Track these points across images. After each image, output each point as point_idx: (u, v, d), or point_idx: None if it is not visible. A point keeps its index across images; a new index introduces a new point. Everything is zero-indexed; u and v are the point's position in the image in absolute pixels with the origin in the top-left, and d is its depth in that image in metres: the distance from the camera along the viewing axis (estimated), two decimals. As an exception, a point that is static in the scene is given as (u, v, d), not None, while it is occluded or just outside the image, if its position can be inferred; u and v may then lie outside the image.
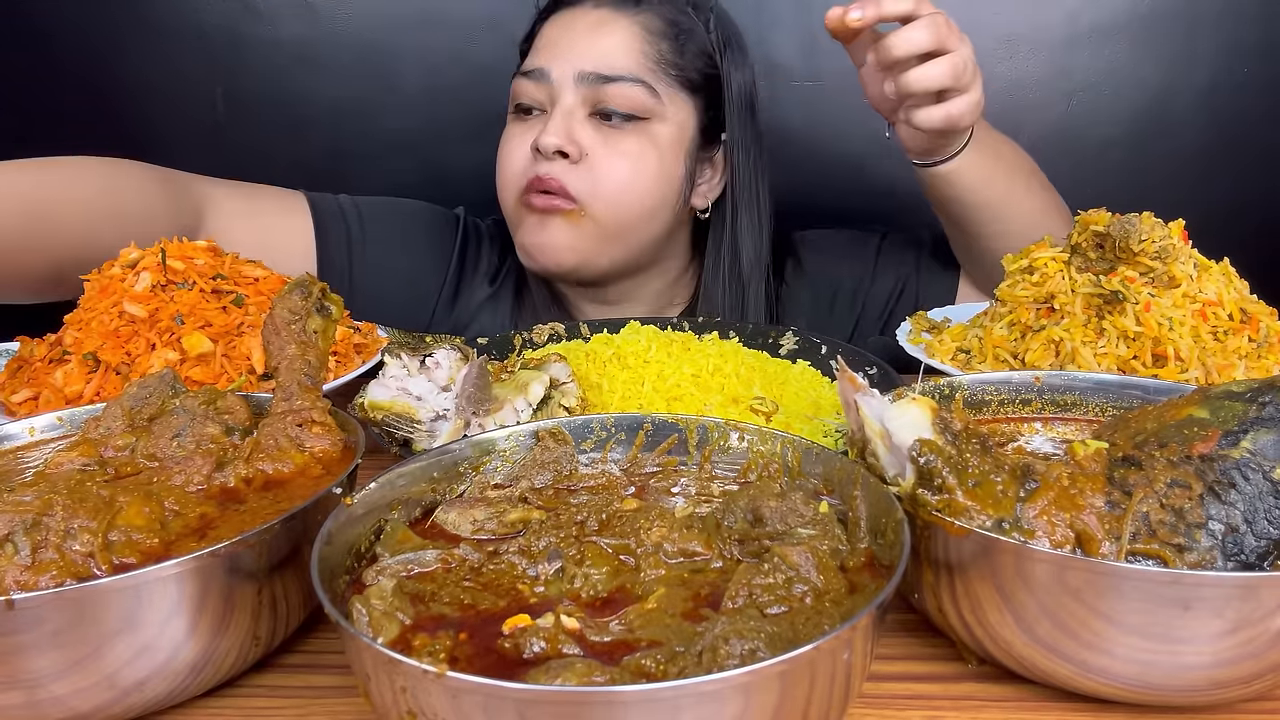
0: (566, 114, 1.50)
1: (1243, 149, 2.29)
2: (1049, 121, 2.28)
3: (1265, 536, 0.66)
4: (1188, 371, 1.14)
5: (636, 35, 1.53)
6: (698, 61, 1.57)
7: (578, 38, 1.53)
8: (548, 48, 1.55)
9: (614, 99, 1.50)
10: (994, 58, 2.26)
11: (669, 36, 1.55)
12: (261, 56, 2.25)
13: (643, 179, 1.52)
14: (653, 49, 1.53)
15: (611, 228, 1.53)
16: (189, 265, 1.21)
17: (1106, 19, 2.21)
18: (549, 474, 0.83)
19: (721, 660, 0.55)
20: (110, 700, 0.65)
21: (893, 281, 1.72)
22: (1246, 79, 2.24)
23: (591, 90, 1.50)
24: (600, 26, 1.53)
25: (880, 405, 0.73)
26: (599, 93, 1.50)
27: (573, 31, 1.55)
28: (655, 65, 1.53)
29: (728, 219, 1.65)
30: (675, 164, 1.57)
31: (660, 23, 1.55)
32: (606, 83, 1.49)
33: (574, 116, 1.50)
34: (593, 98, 1.50)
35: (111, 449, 0.85)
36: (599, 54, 1.51)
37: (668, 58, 1.54)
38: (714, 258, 1.66)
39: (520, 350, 1.33)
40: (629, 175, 1.51)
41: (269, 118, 2.28)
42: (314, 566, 0.61)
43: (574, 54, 1.51)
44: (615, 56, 1.51)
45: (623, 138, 1.51)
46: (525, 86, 1.55)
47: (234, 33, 2.23)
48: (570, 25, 1.56)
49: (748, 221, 1.64)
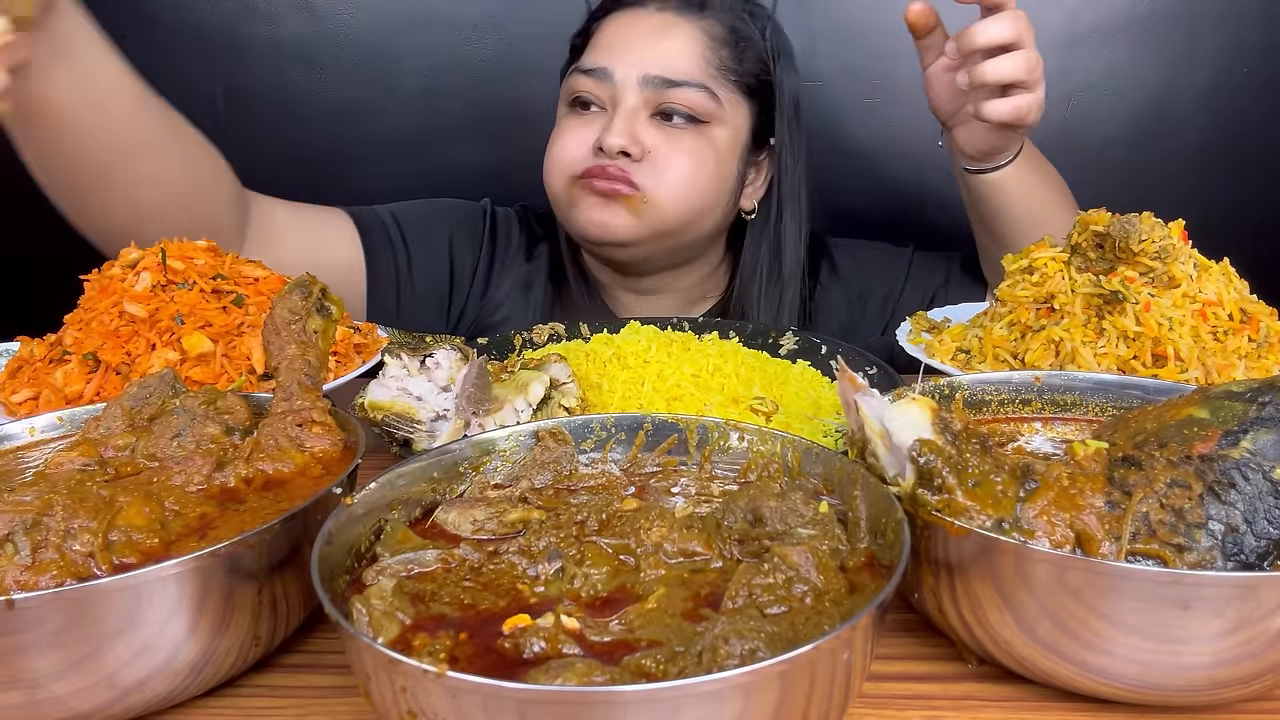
0: (630, 115, 1.52)
1: (1243, 149, 2.29)
2: (1049, 121, 2.27)
3: (1265, 536, 0.66)
4: (1188, 371, 1.14)
5: (699, 40, 1.56)
6: (754, 67, 1.61)
7: (641, 40, 1.56)
8: (608, 47, 1.57)
9: (677, 102, 1.52)
10: (994, 58, 2.25)
11: (729, 43, 1.58)
12: (261, 56, 2.25)
13: (702, 178, 1.55)
14: (714, 55, 1.56)
15: (670, 222, 1.55)
16: (189, 265, 1.21)
17: (1106, 19, 2.21)
18: (549, 474, 0.83)
19: (721, 660, 0.55)
20: (110, 700, 0.65)
21: (923, 292, 1.76)
22: (1246, 79, 2.24)
23: (655, 93, 1.52)
24: (664, 30, 1.56)
25: (880, 405, 0.73)
26: (663, 95, 1.52)
27: (635, 33, 1.57)
28: (716, 71, 1.56)
29: (772, 220, 1.68)
30: (730, 166, 1.60)
31: (721, 29, 1.58)
32: (671, 87, 1.52)
33: (637, 117, 1.52)
34: (656, 100, 1.53)
35: (111, 449, 0.85)
36: (663, 58, 1.53)
37: (728, 64, 1.57)
38: (753, 255, 1.69)
39: (520, 350, 1.33)
40: (690, 174, 1.54)
41: (269, 118, 2.28)
42: (314, 566, 0.61)
43: (638, 56, 1.54)
44: (679, 61, 1.54)
45: (683, 137, 1.54)
46: (585, 83, 1.57)
47: (234, 33, 2.23)
48: (632, 26, 1.58)
49: (791, 224, 1.68)
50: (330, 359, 1.14)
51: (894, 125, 2.29)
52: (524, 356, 1.13)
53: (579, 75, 1.58)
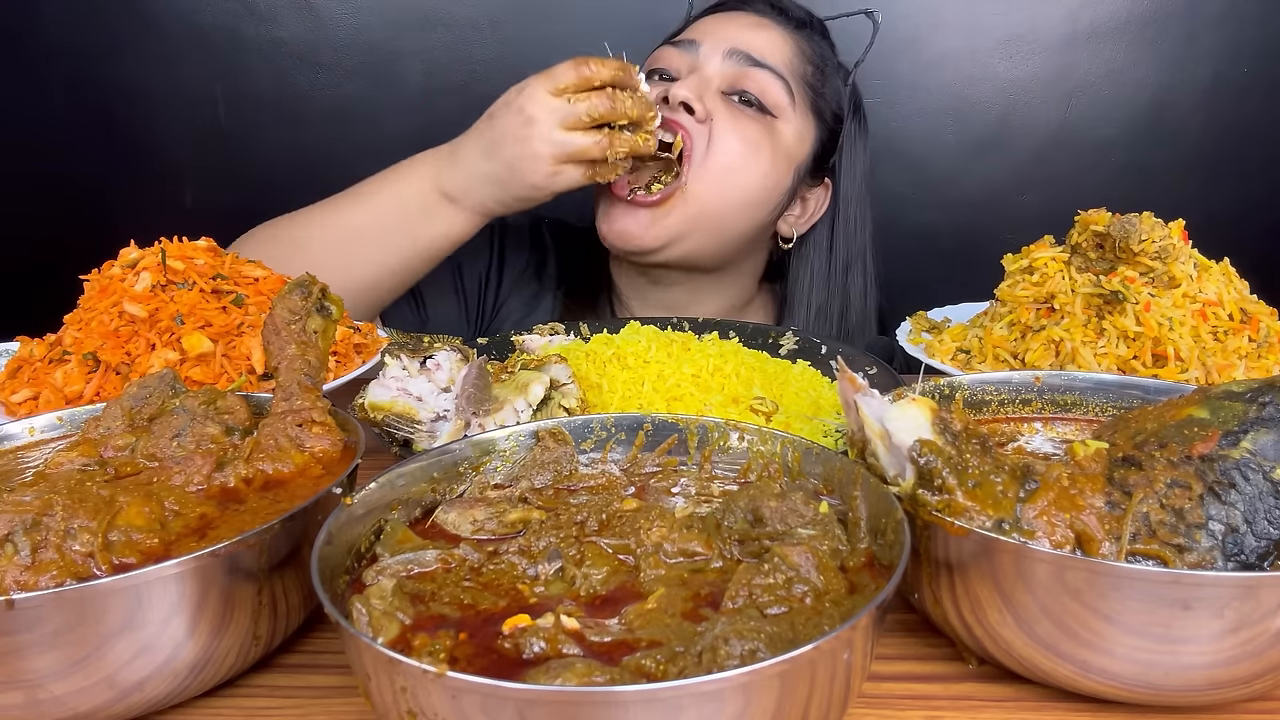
0: (704, 79, 1.52)
1: (1243, 149, 2.29)
2: (1049, 121, 2.28)
3: (1265, 537, 0.66)
4: (1188, 371, 1.14)
5: (790, 45, 1.58)
6: (832, 97, 1.63)
7: (734, 27, 1.58)
8: (702, 27, 1.59)
9: (753, 83, 1.52)
10: (994, 58, 2.26)
11: (815, 63, 1.60)
12: (261, 56, 2.25)
13: (752, 166, 1.53)
14: (800, 63, 1.58)
15: (707, 208, 1.51)
16: (189, 265, 1.21)
17: (1106, 19, 2.21)
18: (549, 474, 0.83)
19: (721, 660, 0.55)
20: (110, 700, 0.65)
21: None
22: (1246, 79, 2.24)
23: (735, 69, 1.53)
24: (759, 26, 1.58)
25: (880, 405, 0.73)
26: (742, 74, 1.53)
27: (730, 22, 1.59)
28: (798, 77, 1.57)
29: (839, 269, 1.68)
30: (785, 173, 1.58)
31: (811, 49, 1.60)
32: (752, 65, 1.53)
33: (709, 85, 1.52)
34: (733, 77, 1.53)
35: (111, 449, 0.85)
36: (752, 41, 1.55)
37: (810, 78, 1.59)
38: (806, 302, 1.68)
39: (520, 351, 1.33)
40: (739, 157, 1.51)
41: (269, 118, 2.28)
42: (314, 566, 0.61)
43: (728, 36, 1.55)
44: (767, 50, 1.55)
45: (748, 122, 1.53)
46: (668, 53, 1.58)
47: (234, 33, 2.23)
48: (731, 18, 1.60)
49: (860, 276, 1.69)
50: (330, 359, 1.14)
51: (893, 125, 2.29)
52: (524, 357, 1.13)
53: (664, 47, 1.59)
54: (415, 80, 2.25)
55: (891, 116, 2.28)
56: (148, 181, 2.33)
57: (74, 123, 2.28)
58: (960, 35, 2.26)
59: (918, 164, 2.31)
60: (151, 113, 2.28)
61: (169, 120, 2.29)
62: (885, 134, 2.30)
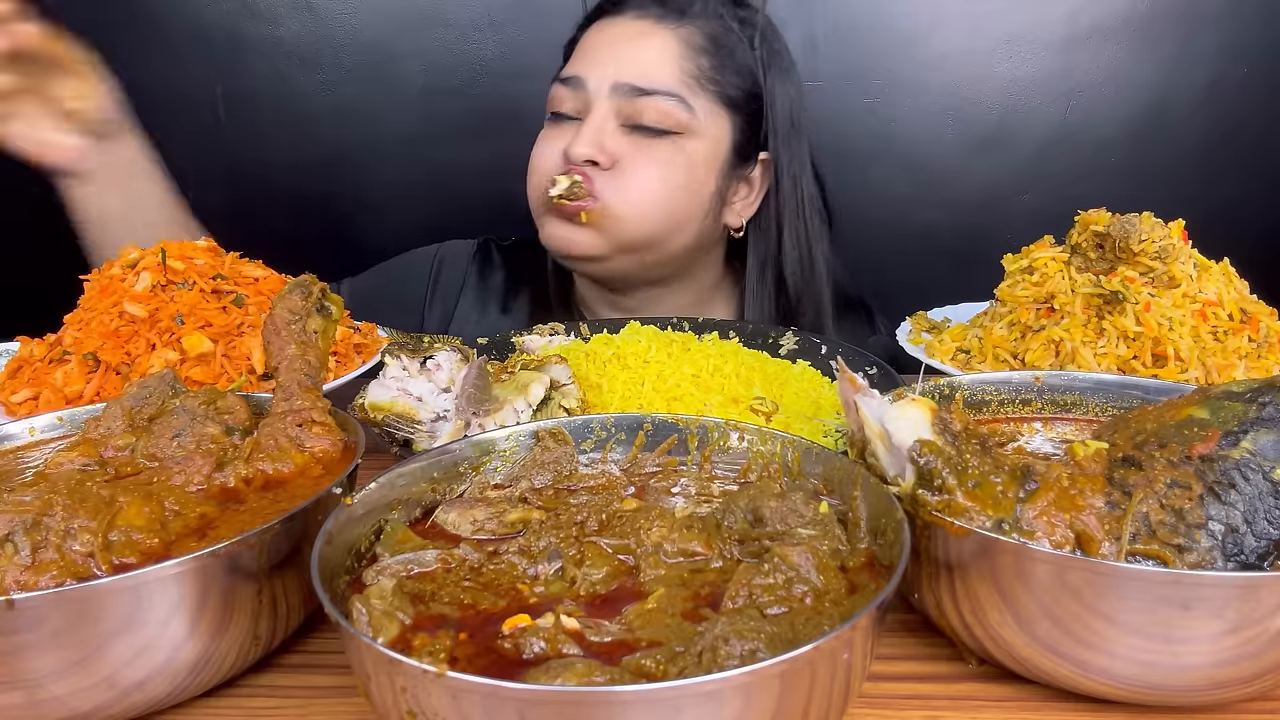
0: (599, 123, 1.49)
1: (1243, 149, 2.29)
2: (1049, 121, 2.28)
3: (1265, 537, 0.66)
4: (1188, 371, 1.14)
5: (675, 49, 1.52)
6: (738, 78, 1.56)
7: (615, 47, 1.53)
8: (586, 55, 1.55)
9: (647, 113, 1.48)
10: (994, 58, 2.26)
11: (709, 52, 1.53)
12: (261, 56, 2.25)
13: (670, 189, 1.51)
14: (691, 64, 1.52)
15: (634, 234, 1.51)
16: (189, 265, 1.21)
17: (1106, 19, 2.21)
18: (549, 474, 0.83)
19: (721, 660, 0.55)
20: (110, 700, 0.65)
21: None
22: (1246, 79, 2.24)
23: (626, 102, 1.49)
24: (640, 38, 1.52)
25: (880, 405, 0.73)
26: (633, 105, 1.49)
27: (613, 41, 1.54)
28: (693, 80, 1.52)
29: (771, 237, 1.63)
30: (706, 179, 1.55)
31: (701, 38, 1.53)
32: (641, 95, 1.48)
33: (605, 127, 1.49)
34: (626, 110, 1.49)
35: (111, 449, 0.85)
36: (636, 66, 1.50)
37: (707, 73, 1.53)
38: (757, 275, 1.65)
39: (520, 351, 1.33)
40: (656, 184, 1.49)
41: (269, 118, 2.28)
42: (314, 566, 0.61)
43: (611, 64, 1.51)
44: (653, 69, 1.50)
45: (654, 147, 1.50)
46: (560, 93, 1.54)
47: (234, 33, 2.23)
48: (611, 35, 1.55)
49: (791, 235, 1.63)
50: (330, 359, 1.14)
51: (893, 125, 2.29)
52: (524, 357, 1.13)
53: (557, 85, 1.56)
54: (415, 80, 2.26)
55: (891, 116, 2.29)
56: (148, 181, 2.33)
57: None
58: (960, 35, 2.26)
59: (918, 164, 2.31)
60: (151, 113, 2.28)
61: (169, 120, 2.28)
62: (885, 134, 2.30)
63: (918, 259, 2.35)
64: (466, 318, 1.75)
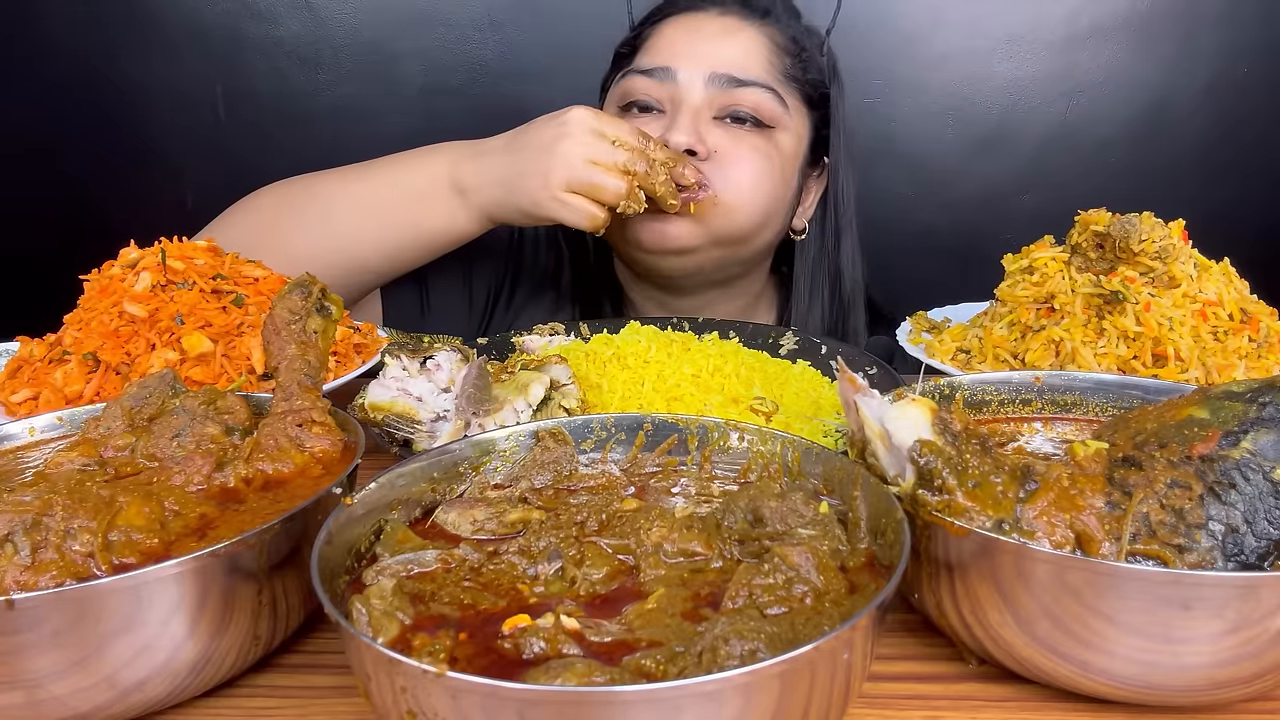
0: (694, 113, 1.48)
1: (1243, 149, 2.30)
2: (1049, 121, 2.29)
3: (1265, 537, 0.66)
4: (1188, 371, 1.14)
5: (764, 45, 1.53)
6: (815, 79, 1.59)
7: (705, 41, 1.52)
8: (672, 47, 1.53)
9: (745, 102, 1.48)
10: (994, 58, 2.26)
11: (792, 51, 1.56)
12: (261, 56, 2.25)
13: (768, 181, 1.50)
14: (779, 60, 1.54)
15: (740, 225, 1.49)
16: (189, 265, 1.21)
17: (1106, 19, 2.21)
18: (549, 474, 0.83)
19: (721, 660, 0.55)
20: (110, 700, 0.65)
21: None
22: (1246, 79, 2.24)
23: (722, 93, 1.48)
24: (728, 33, 1.53)
25: (880, 405, 0.73)
26: (729, 95, 1.48)
27: (698, 34, 1.53)
28: (782, 76, 1.54)
29: (830, 243, 1.64)
30: (790, 176, 1.56)
31: (784, 37, 1.56)
32: (739, 86, 1.48)
33: (701, 117, 1.48)
34: (722, 100, 1.49)
35: (111, 449, 0.85)
36: (729, 58, 1.50)
37: (791, 71, 1.55)
38: (809, 281, 1.65)
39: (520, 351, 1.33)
40: (757, 174, 1.49)
41: (269, 118, 2.28)
42: (314, 566, 0.61)
43: (702, 56, 1.50)
44: (746, 62, 1.50)
45: (750, 138, 1.50)
46: (643, 84, 1.52)
47: (234, 33, 2.24)
48: (696, 29, 1.54)
49: (850, 244, 1.65)
50: (330, 359, 1.14)
51: (894, 125, 2.29)
52: (524, 357, 1.13)
53: (635, 77, 1.53)
54: (415, 80, 2.26)
55: (891, 116, 2.29)
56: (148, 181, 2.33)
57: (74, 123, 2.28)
58: (961, 35, 2.26)
59: (918, 164, 2.32)
60: (151, 112, 2.28)
61: (169, 120, 2.29)
62: (885, 134, 2.30)
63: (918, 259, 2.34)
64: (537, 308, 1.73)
